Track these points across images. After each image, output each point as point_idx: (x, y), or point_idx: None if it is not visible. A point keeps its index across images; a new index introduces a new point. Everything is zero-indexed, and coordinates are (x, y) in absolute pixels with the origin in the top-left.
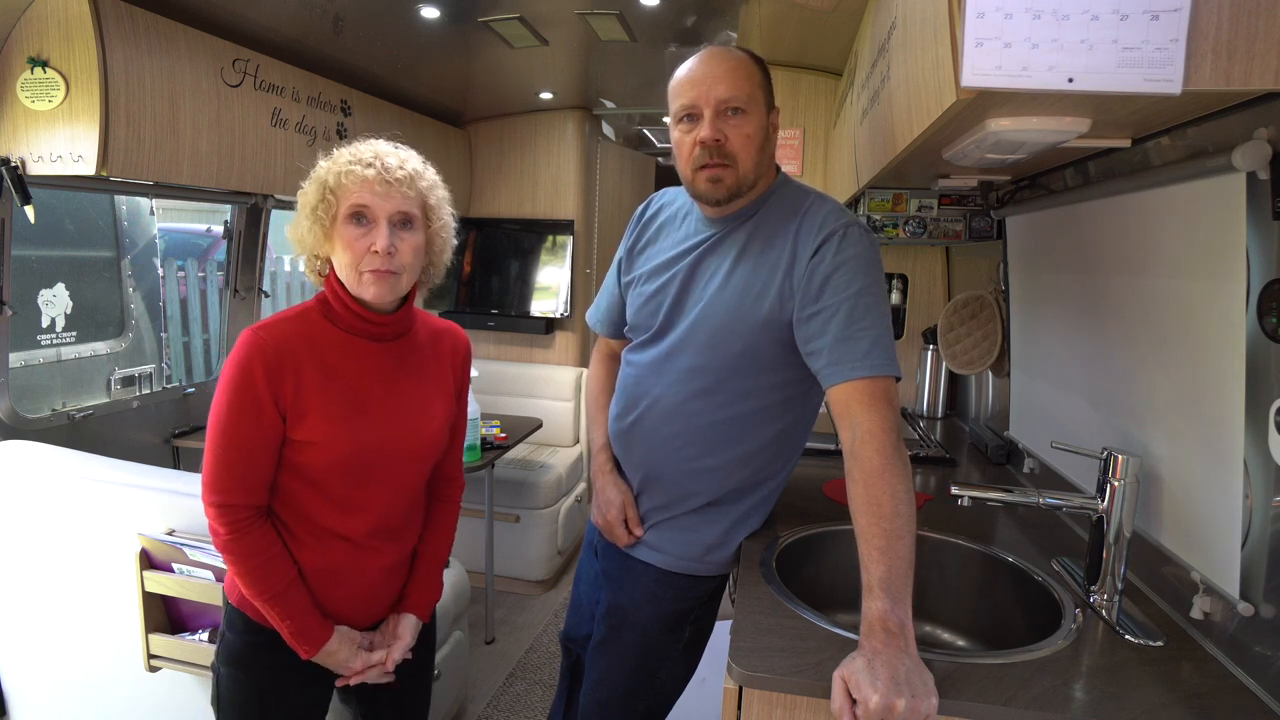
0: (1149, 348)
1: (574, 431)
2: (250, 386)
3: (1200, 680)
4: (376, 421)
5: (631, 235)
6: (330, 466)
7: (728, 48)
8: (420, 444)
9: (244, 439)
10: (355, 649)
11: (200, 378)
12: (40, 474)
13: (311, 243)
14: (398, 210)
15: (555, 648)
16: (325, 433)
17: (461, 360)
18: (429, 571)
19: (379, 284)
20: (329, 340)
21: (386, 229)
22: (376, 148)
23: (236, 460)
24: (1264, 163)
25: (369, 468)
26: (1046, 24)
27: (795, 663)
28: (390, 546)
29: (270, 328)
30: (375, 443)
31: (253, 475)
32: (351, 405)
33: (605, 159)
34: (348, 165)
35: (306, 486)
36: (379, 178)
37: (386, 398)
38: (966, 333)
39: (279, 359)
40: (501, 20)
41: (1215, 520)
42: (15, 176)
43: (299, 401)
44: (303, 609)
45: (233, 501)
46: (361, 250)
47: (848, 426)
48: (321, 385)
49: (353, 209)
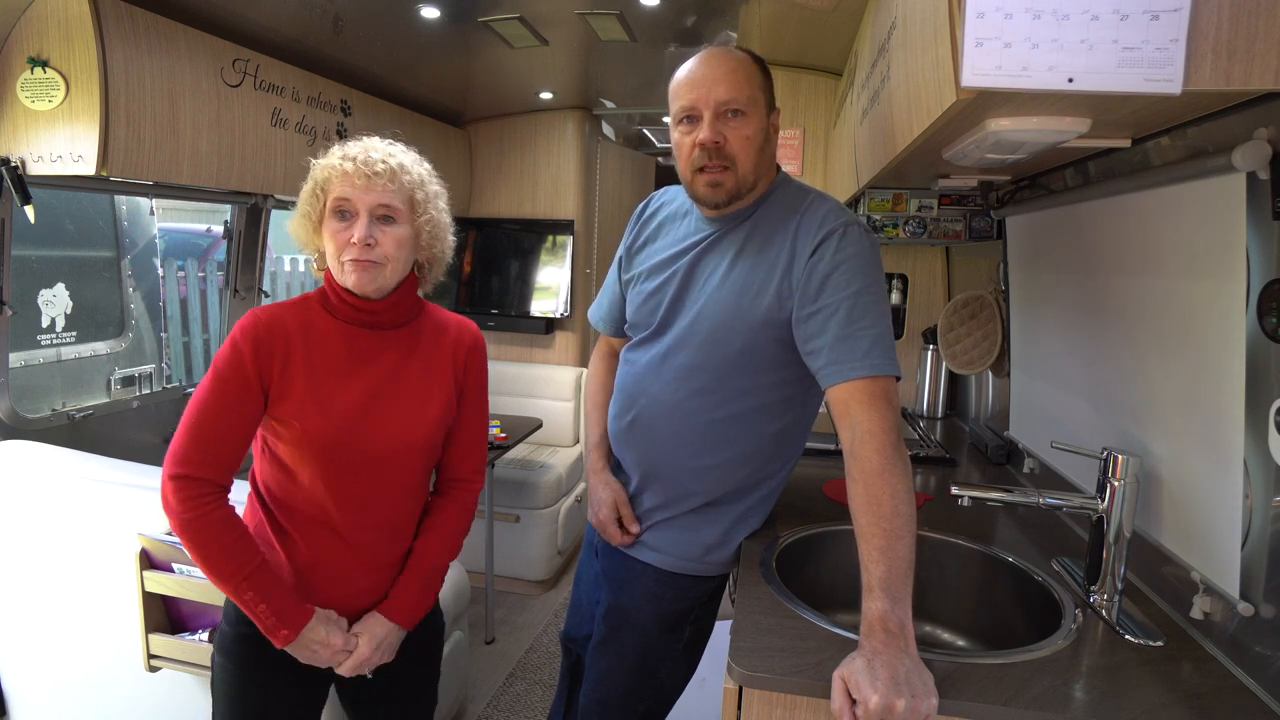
0: (1149, 348)
1: (574, 431)
2: (238, 360)
3: (1200, 680)
4: (361, 410)
5: (631, 233)
6: (311, 449)
7: (728, 49)
8: (410, 437)
9: (222, 408)
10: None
11: (200, 378)
12: (40, 474)
13: (304, 236)
14: (378, 203)
15: (555, 648)
16: (305, 411)
17: (466, 353)
18: (416, 574)
19: (358, 273)
20: (324, 327)
21: (365, 221)
22: (366, 144)
23: (209, 431)
24: (1264, 163)
25: (352, 456)
26: (1046, 24)
27: (795, 663)
28: (381, 543)
29: (268, 309)
30: (357, 430)
31: (222, 450)
32: (335, 391)
33: (605, 159)
34: (336, 160)
35: (290, 473)
36: (359, 171)
37: (376, 388)
38: (966, 333)
39: (270, 336)
40: (501, 20)
41: (1215, 520)
42: (15, 176)
43: (284, 379)
44: (277, 590)
45: (195, 474)
46: (343, 242)
47: (847, 426)
48: (307, 366)
49: (335, 202)
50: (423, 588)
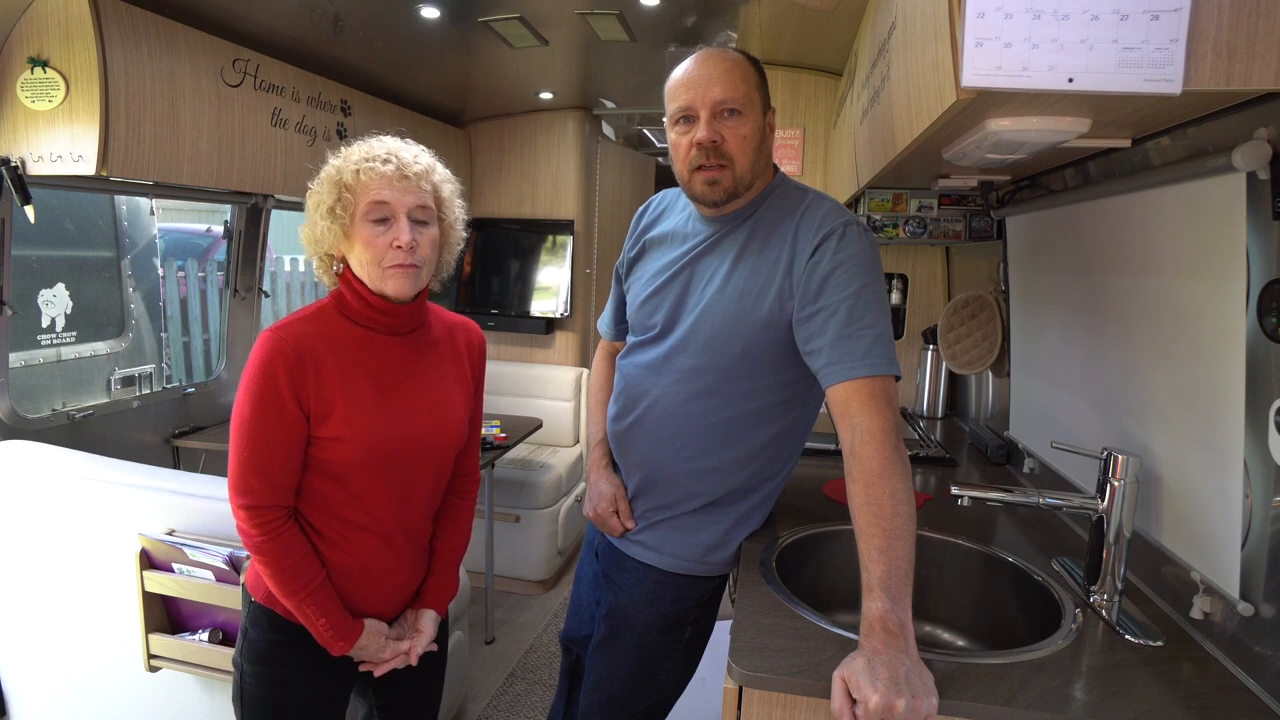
0: (1149, 347)
1: (574, 431)
2: (273, 387)
3: (1200, 680)
4: (399, 414)
5: (632, 238)
6: (356, 461)
7: (723, 49)
8: (443, 435)
9: (269, 439)
10: (384, 640)
11: (200, 378)
12: (40, 474)
13: (330, 241)
14: (416, 204)
15: (555, 648)
16: (350, 429)
17: (478, 354)
18: (447, 567)
19: (401, 278)
20: (347, 337)
21: (407, 224)
22: (389, 144)
23: (264, 461)
24: (1264, 163)
25: (394, 461)
26: (1046, 24)
27: (795, 663)
28: (413, 541)
29: (289, 327)
30: (399, 435)
31: (280, 475)
32: (374, 399)
33: (605, 159)
34: (364, 162)
35: (333, 484)
36: (397, 173)
37: (408, 391)
38: (966, 333)
39: (300, 358)
40: (501, 20)
41: (1215, 520)
42: (15, 176)
43: (322, 399)
44: (334, 606)
45: (262, 503)
46: (384, 246)
47: (847, 426)
48: (343, 381)
49: (372, 205)
50: (452, 576)
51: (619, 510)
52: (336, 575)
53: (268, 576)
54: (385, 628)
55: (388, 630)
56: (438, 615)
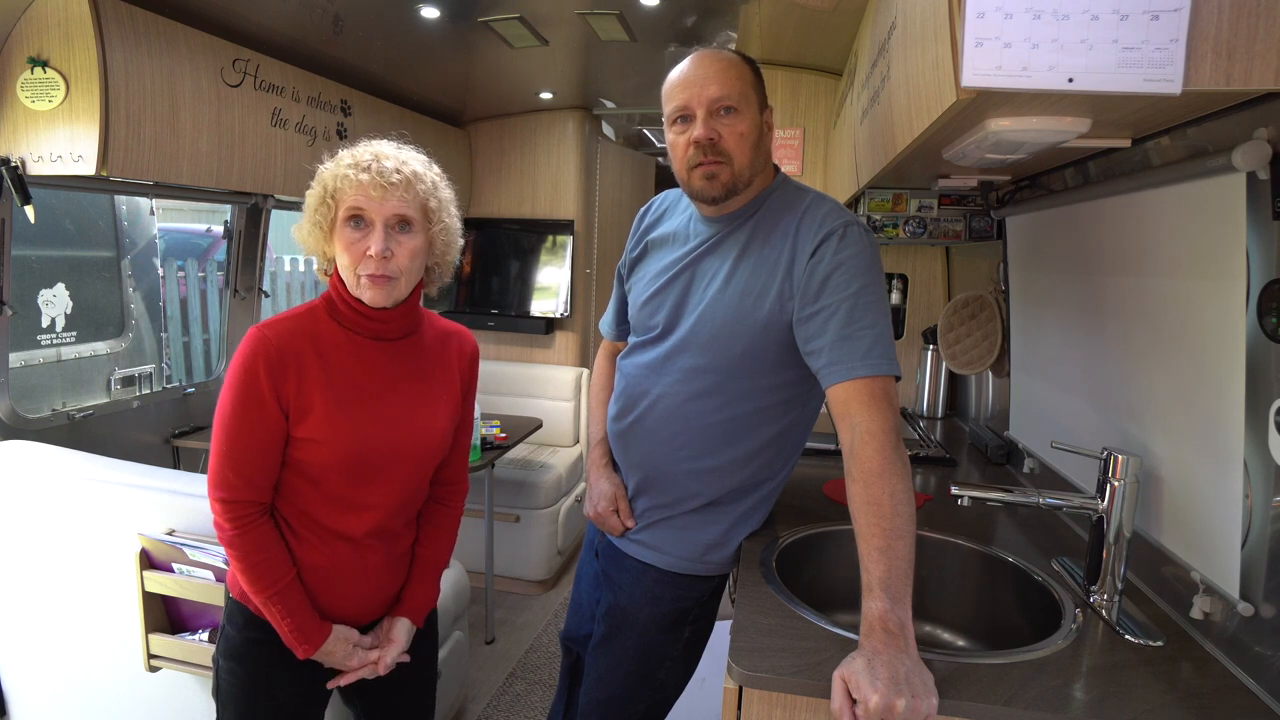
0: (1149, 348)
1: (574, 431)
2: (253, 384)
3: (1200, 680)
4: (378, 421)
5: (633, 238)
6: (331, 464)
7: (718, 50)
8: (423, 445)
9: (248, 436)
10: (351, 648)
11: (200, 378)
12: (40, 474)
13: (313, 244)
14: (394, 214)
15: (555, 648)
16: (327, 431)
17: (469, 363)
18: (425, 576)
19: (374, 288)
20: (333, 338)
21: (382, 232)
22: (377, 149)
23: (241, 457)
24: (1264, 163)
25: (370, 466)
26: (1046, 24)
27: (795, 663)
28: (389, 546)
29: (275, 325)
30: (376, 442)
31: (257, 472)
32: (353, 404)
33: (605, 159)
34: (345, 169)
35: (308, 484)
36: (374, 182)
37: (390, 397)
38: (966, 333)
39: (282, 356)
40: (501, 20)
41: (1215, 520)
42: (15, 176)
43: (301, 399)
44: (302, 607)
45: (238, 498)
46: (358, 254)
47: (847, 426)
48: (324, 383)
49: (349, 212)
50: (431, 586)
51: (619, 509)
52: (308, 574)
53: (239, 571)
54: (355, 634)
55: (357, 637)
56: (412, 625)
